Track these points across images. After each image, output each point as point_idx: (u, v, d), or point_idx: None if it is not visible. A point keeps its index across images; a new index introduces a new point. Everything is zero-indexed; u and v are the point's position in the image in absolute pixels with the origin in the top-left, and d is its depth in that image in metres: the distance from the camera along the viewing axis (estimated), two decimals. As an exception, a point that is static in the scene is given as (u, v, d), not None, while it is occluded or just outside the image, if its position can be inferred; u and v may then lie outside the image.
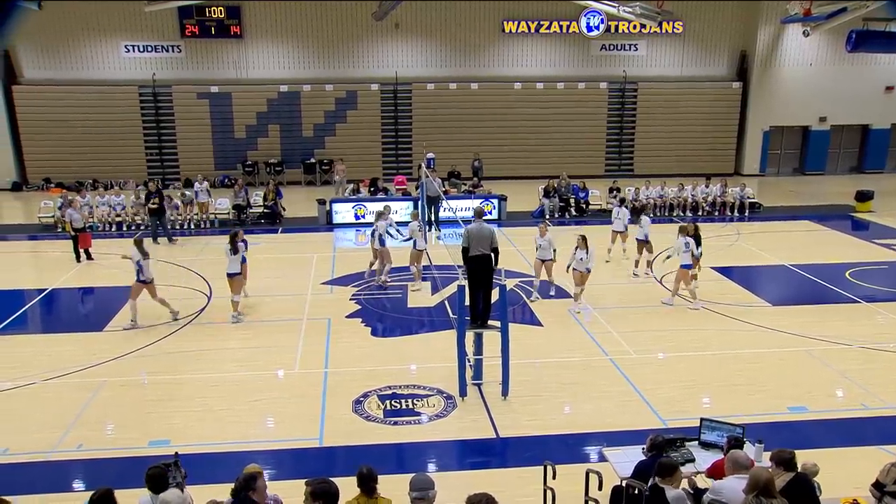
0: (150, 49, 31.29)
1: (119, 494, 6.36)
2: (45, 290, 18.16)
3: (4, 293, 17.80)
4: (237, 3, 31.00)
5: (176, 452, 7.72)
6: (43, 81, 30.83)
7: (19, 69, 30.90)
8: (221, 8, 30.87)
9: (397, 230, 18.38)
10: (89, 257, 20.40)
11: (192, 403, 11.87)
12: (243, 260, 16.00)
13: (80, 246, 20.32)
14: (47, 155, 30.91)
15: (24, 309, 17.04)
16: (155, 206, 22.16)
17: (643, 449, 8.34)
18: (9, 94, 30.38)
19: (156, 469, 6.91)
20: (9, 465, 9.82)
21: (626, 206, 20.61)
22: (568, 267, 16.41)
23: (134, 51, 31.24)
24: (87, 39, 30.90)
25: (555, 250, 16.80)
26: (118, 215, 24.51)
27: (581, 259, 16.07)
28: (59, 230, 23.53)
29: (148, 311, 15.96)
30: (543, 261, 16.84)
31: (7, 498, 6.24)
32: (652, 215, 25.60)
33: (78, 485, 9.57)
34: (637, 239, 18.97)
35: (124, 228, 24.12)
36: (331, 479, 6.19)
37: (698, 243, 16.75)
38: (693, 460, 8.35)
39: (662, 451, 7.84)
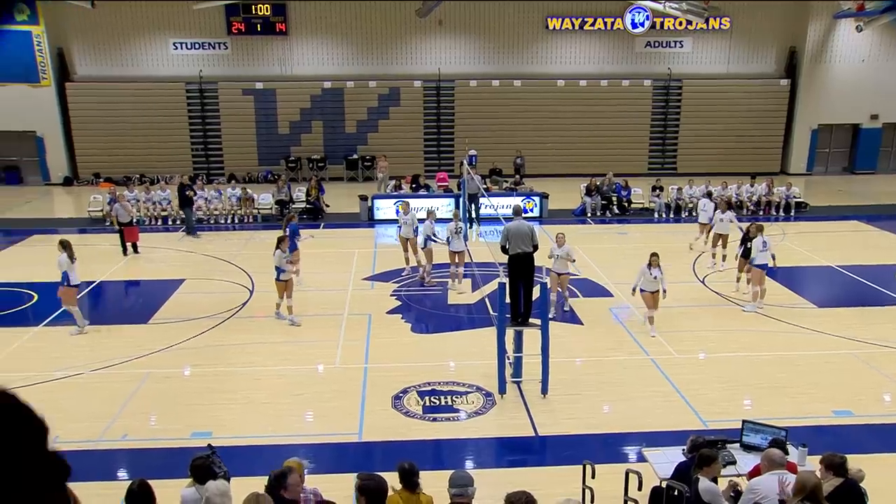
0: (197, 46, 31.75)
1: (161, 484, 6.49)
2: (93, 282, 18.55)
3: (55, 285, 18.16)
4: (283, 1, 31.29)
5: (209, 444, 7.84)
6: (94, 78, 31.48)
7: (72, 66, 31.59)
8: (267, 6, 31.19)
9: (436, 234, 18.18)
10: (136, 251, 20.79)
11: (234, 396, 12.06)
12: (294, 247, 16.66)
13: (127, 240, 20.73)
14: (97, 150, 31.54)
15: (73, 300, 17.42)
16: (188, 197, 22.70)
17: (683, 450, 8.29)
18: (62, 91, 31.08)
19: (200, 460, 7.04)
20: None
21: (713, 200, 20.57)
22: (634, 288, 14.66)
23: (182, 48, 31.73)
24: (136, 37, 31.46)
25: (573, 261, 15.94)
26: (164, 210, 24.93)
27: (655, 277, 14.42)
28: (108, 224, 24.04)
29: (192, 305, 16.24)
30: (559, 274, 15.45)
31: None
32: (695, 214, 25.43)
33: (122, 474, 9.79)
34: (717, 232, 18.99)
35: (169, 223, 24.54)
36: (378, 474, 6.24)
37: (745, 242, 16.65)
38: (734, 462, 8.27)
39: (702, 453, 7.78)
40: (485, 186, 24.50)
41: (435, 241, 17.83)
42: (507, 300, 12.03)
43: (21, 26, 29.90)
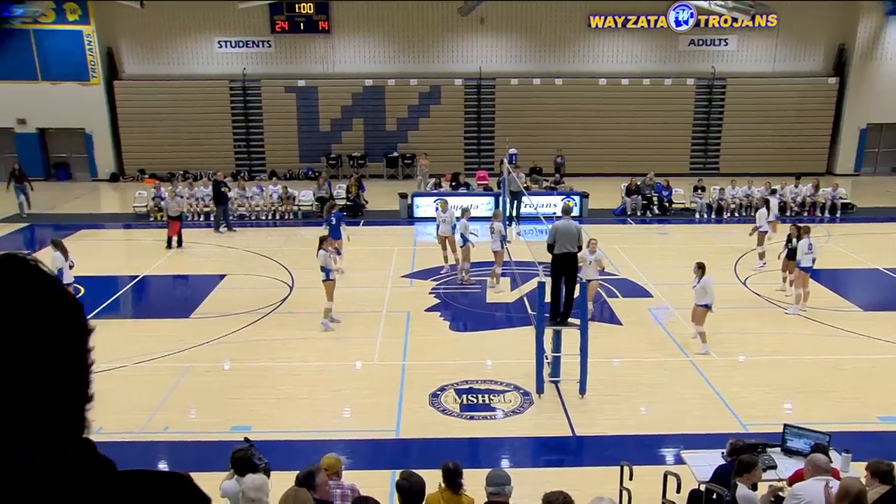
0: (241, 44, 32.14)
1: (200, 477, 6.56)
2: (136, 276, 18.90)
3: (100, 279, 18.59)
4: (326, 0, 31.56)
5: (245, 438, 7.93)
6: (141, 77, 32.05)
7: (121, 65, 32.20)
8: (311, 4, 31.46)
9: (471, 233, 18.09)
10: (180, 244, 21.11)
11: (272, 391, 12.20)
12: (337, 235, 17.16)
13: (171, 233, 21.08)
14: (142, 147, 32.11)
15: (117, 295, 17.79)
16: (223, 193, 23.01)
17: (723, 453, 8.20)
18: (111, 89, 31.70)
19: (242, 452, 7.12)
20: (102, 444, 10.18)
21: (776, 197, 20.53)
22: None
23: (226, 46, 32.14)
24: (182, 36, 31.96)
25: (602, 269, 15.27)
26: (206, 206, 25.27)
27: (703, 289, 13.51)
28: (152, 219, 24.48)
29: (233, 300, 16.45)
30: (588, 280, 14.14)
31: None
32: (737, 215, 25.12)
33: (162, 465, 9.95)
34: (760, 230, 18.94)
35: (211, 218, 24.88)
36: (418, 474, 6.27)
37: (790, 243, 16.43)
38: (775, 467, 8.16)
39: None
40: (525, 185, 24.43)
41: (470, 240, 17.75)
42: (547, 299, 12.00)
43: (73, 26, 30.57)
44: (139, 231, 23.99)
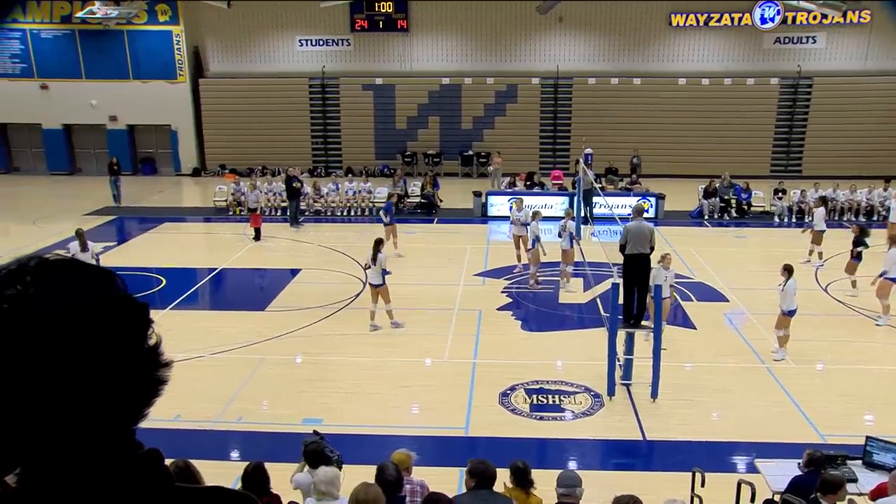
0: (321, 43, 32.74)
1: (272, 468, 6.76)
2: (215, 269, 19.47)
3: (181, 271, 19.22)
4: (405, -2, 31.91)
5: (315, 430, 8.10)
6: (225, 75, 32.98)
7: (206, 63, 33.22)
8: (390, 3, 31.82)
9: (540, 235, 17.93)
10: (258, 237, 21.64)
11: (343, 385, 12.41)
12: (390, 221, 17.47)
13: (252, 225, 21.65)
14: (224, 143, 33.05)
15: (196, 286, 18.38)
16: (295, 188, 23.45)
17: (799, 463, 8.01)
18: (196, 87, 32.73)
19: (314, 445, 7.28)
20: (179, 431, 10.66)
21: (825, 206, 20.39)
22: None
23: (307, 45, 32.79)
24: (265, 35, 32.75)
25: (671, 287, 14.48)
26: (283, 201, 25.78)
27: (784, 293, 13.10)
28: (231, 213, 25.19)
29: (307, 294, 16.78)
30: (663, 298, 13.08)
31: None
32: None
33: (235, 454, 10.24)
34: (815, 230, 18.78)
35: (287, 213, 25.40)
36: (489, 462, 6.33)
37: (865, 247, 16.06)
38: (855, 480, 7.93)
39: (821, 468, 7.49)
40: (599, 185, 24.21)
41: (540, 242, 17.56)
42: (620, 301, 11.90)
43: (163, 26, 31.70)
44: (218, 225, 24.69)
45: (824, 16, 29.19)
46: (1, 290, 1.06)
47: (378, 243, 14.71)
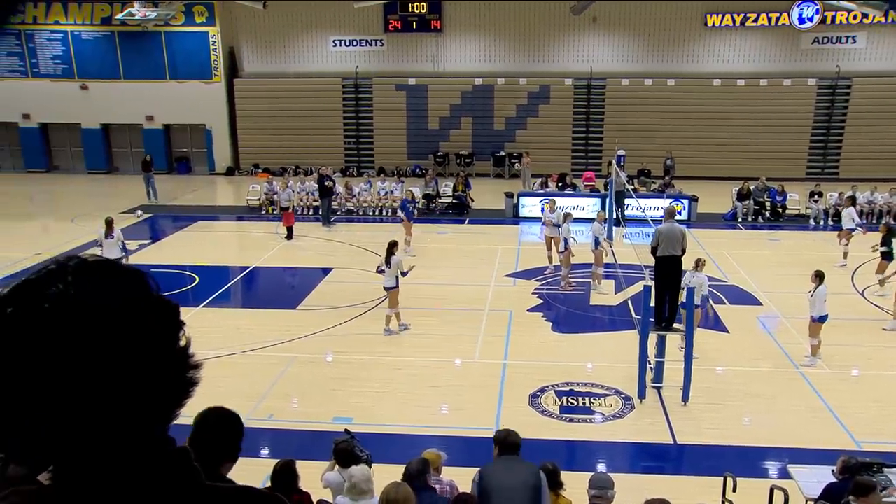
0: (354, 43, 32.92)
1: (302, 465, 6.82)
2: (247, 267, 19.67)
3: (214, 269, 19.45)
4: (438, -1, 31.97)
5: (346, 429, 8.16)
6: (259, 75, 33.31)
7: (240, 64, 33.58)
8: (424, 3, 31.91)
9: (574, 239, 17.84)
10: (289, 236, 21.82)
11: (372, 384, 12.47)
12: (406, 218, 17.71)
13: (284, 224, 21.83)
14: (257, 142, 33.37)
15: (229, 284, 18.58)
16: (327, 187, 23.62)
17: (833, 470, 7.91)
18: (230, 86, 33.10)
19: (345, 444, 7.32)
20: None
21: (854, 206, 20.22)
22: None
23: (340, 45, 32.99)
24: (299, 35, 33.02)
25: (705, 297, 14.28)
26: (315, 200, 25.95)
27: (814, 299, 12.91)
28: (263, 212, 25.44)
29: (338, 293, 16.89)
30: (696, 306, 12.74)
31: None
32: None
33: (265, 452, 10.32)
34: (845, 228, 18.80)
35: (320, 213, 25.58)
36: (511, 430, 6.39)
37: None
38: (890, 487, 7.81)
39: (856, 475, 7.39)
40: (632, 187, 24.05)
41: (570, 244, 17.49)
42: (652, 303, 11.83)
43: (199, 27, 32.12)
44: (251, 223, 24.94)
45: (865, 15, 28.71)
46: (42, 289, 1.09)
47: (392, 246, 14.67)
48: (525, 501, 5.99)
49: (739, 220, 24.65)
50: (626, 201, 23.62)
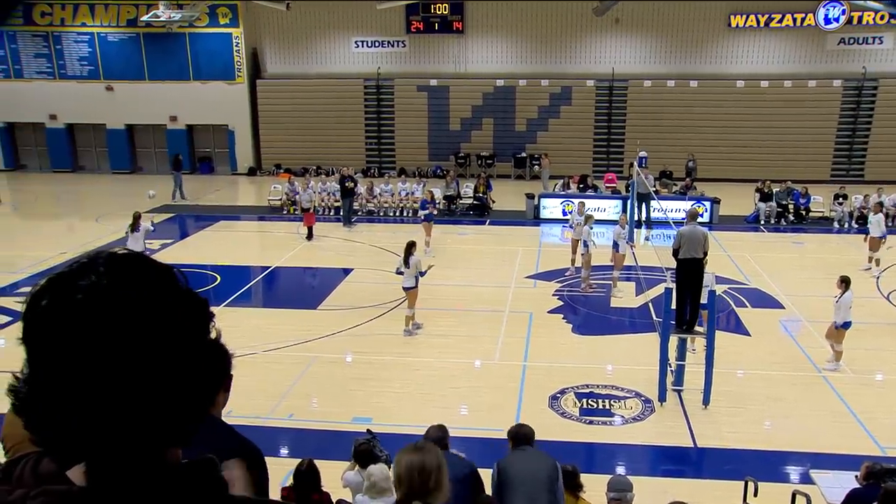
0: (377, 44, 33.03)
1: (321, 464, 6.86)
2: (268, 267, 19.79)
3: (235, 268, 19.58)
4: (461, 0, 31.93)
5: (368, 430, 8.18)
6: (281, 76, 33.50)
7: (263, 65, 33.80)
8: (446, 4, 31.94)
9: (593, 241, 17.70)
10: (310, 237, 21.91)
11: (392, 385, 12.49)
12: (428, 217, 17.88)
13: (305, 224, 21.92)
14: (279, 143, 33.56)
15: (250, 284, 18.70)
16: (348, 188, 23.72)
17: (856, 476, 7.83)
18: (253, 87, 33.32)
19: (364, 444, 7.38)
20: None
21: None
22: None
23: (362, 46, 33.11)
24: (321, 36, 33.19)
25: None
26: (336, 200, 26.03)
27: (838, 305, 12.75)
28: (285, 212, 25.57)
29: (359, 294, 16.94)
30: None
31: None
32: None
33: (285, 451, 10.38)
34: (872, 236, 18.50)
35: (341, 213, 25.67)
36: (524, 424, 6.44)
37: None
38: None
39: (881, 481, 7.30)
40: (654, 189, 23.93)
41: (590, 245, 17.39)
42: (673, 306, 11.77)
43: (223, 29, 32.37)
44: (272, 223, 25.08)
45: (893, 16, 28.38)
46: (75, 281, 1.10)
47: (410, 246, 14.63)
48: (543, 488, 6.06)
49: (762, 222, 24.44)
50: (651, 204, 23.48)
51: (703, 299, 11.85)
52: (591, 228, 17.43)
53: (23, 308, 1.11)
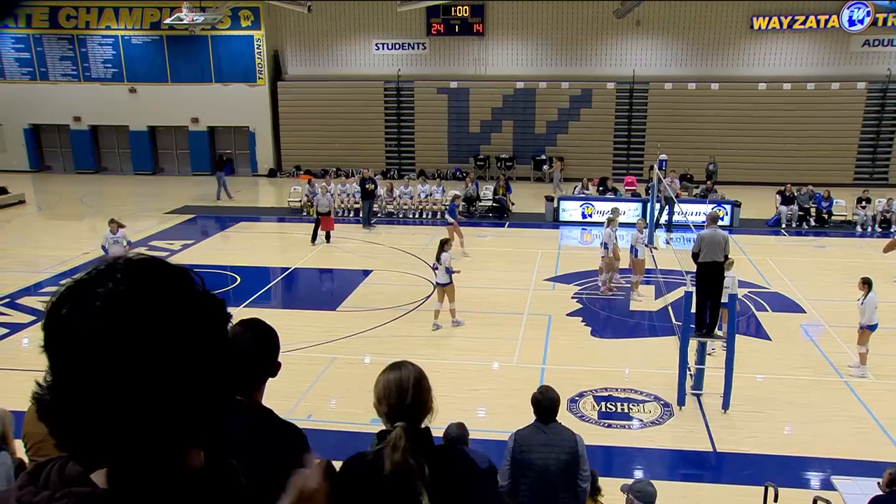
0: (397, 46, 33.12)
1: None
2: (288, 268, 19.89)
3: (255, 269, 19.69)
4: (482, 2, 31.96)
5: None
6: (302, 77, 33.68)
7: (284, 67, 34.00)
8: (467, 7, 31.97)
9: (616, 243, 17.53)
10: (328, 240, 21.99)
11: (412, 386, 12.48)
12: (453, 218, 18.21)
13: (323, 228, 21.99)
14: (299, 144, 33.73)
15: (270, 285, 18.80)
16: (369, 190, 23.83)
17: (879, 482, 7.76)
18: (274, 89, 33.53)
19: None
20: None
21: None
22: None
23: (383, 48, 33.22)
24: (342, 39, 33.34)
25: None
26: (356, 202, 26.12)
27: (863, 307, 12.74)
28: (304, 214, 25.71)
29: (378, 295, 16.98)
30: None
31: None
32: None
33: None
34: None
35: (361, 215, 25.73)
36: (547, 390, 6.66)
37: None
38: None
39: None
40: (675, 192, 23.77)
41: (609, 249, 17.18)
42: (693, 309, 11.73)
43: (245, 31, 32.60)
44: (292, 225, 25.20)
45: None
46: (94, 288, 1.13)
47: (443, 243, 14.93)
48: (561, 466, 5.98)
49: (783, 225, 24.26)
50: (674, 206, 23.35)
51: (724, 299, 11.80)
52: (615, 231, 17.36)
53: (43, 317, 1.14)
